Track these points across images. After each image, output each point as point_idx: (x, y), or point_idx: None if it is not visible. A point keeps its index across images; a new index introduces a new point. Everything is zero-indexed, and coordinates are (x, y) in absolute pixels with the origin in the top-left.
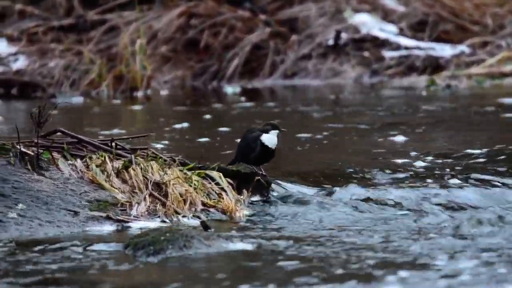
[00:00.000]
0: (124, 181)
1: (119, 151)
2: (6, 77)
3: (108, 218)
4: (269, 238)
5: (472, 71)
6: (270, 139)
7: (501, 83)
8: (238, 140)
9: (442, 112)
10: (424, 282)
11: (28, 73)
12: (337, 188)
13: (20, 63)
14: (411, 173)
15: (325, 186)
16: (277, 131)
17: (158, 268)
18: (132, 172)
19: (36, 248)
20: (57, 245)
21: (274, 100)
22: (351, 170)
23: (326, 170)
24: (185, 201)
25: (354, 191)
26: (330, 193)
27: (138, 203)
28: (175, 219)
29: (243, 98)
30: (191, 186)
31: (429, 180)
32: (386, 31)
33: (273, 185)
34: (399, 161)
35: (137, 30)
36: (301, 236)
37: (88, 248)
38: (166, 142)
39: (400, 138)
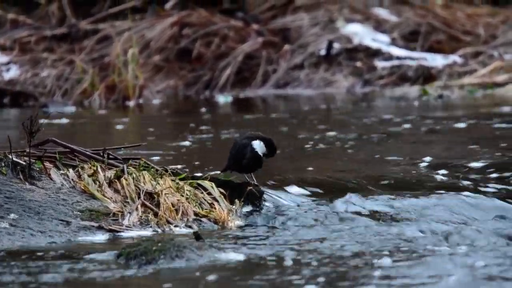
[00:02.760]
0: (116, 191)
1: (111, 161)
2: None
3: (100, 227)
4: (261, 248)
5: (464, 81)
6: (260, 146)
7: (493, 93)
8: (229, 150)
9: (434, 122)
10: None
11: (20, 82)
12: (330, 198)
13: (13, 72)
14: (405, 183)
15: (318, 196)
16: (265, 140)
17: (150, 278)
18: (124, 182)
19: (28, 258)
20: (49, 255)
21: (266, 109)
22: (343, 180)
23: (318, 180)
24: (177, 211)
25: (347, 201)
26: (322, 203)
27: (130, 213)
28: (167, 229)
29: (235, 107)
30: (183, 196)
31: (425, 190)
32: (378, 41)
33: (265, 195)
34: (392, 171)
35: (130, 40)
36: (293, 246)
37: (80, 258)
38: (158, 152)
39: (391, 148)
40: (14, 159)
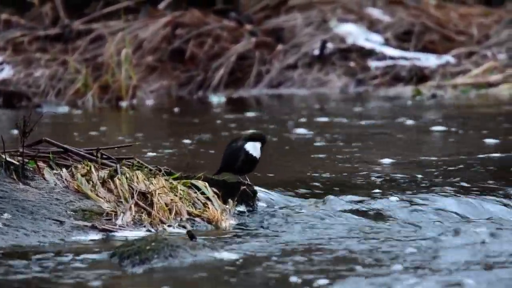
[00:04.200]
0: (110, 191)
1: (105, 161)
2: None
3: (93, 227)
4: (254, 248)
5: (457, 81)
6: (254, 147)
7: (487, 93)
8: (223, 150)
9: (427, 122)
10: None
11: (13, 82)
12: (323, 198)
13: (6, 72)
14: (398, 182)
15: (311, 195)
16: (260, 140)
17: (144, 277)
18: (117, 181)
19: (21, 258)
20: (42, 255)
21: (259, 109)
22: (337, 179)
23: (311, 180)
24: (170, 210)
25: (340, 200)
26: (316, 203)
27: (124, 213)
28: (160, 228)
29: (228, 108)
30: (176, 195)
31: (416, 190)
32: (371, 41)
33: (258, 195)
34: (386, 170)
35: (123, 40)
36: (286, 246)
37: (73, 257)
38: (152, 151)
39: (385, 148)
40: (8, 159)
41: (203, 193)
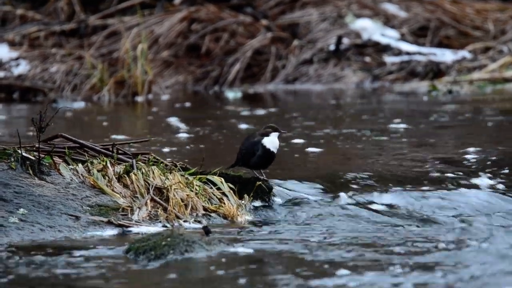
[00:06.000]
0: (126, 186)
1: (121, 156)
2: (7, 82)
3: (109, 223)
4: (270, 243)
5: (473, 76)
6: (272, 142)
7: (503, 88)
8: (239, 145)
9: (443, 118)
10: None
11: (29, 77)
12: (338, 193)
13: (22, 67)
14: (413, 177)
15: (326, 191)
16: (277, 133)
17: (159, 273)
18: (133, 177)
19: (37, 253)
20: (58, 250)
21: (275, 104)
22: (352, 175)
23: (327, 175)
24: (186, 206)
25: (355, 195)
26: (331, 198)
27: (140, 208)
28: (176, 224)
29: (244, 103)
30: (192, 191)
31: (431, 185)
32: (387, 36)
33: (274, 190)
34: (400, 165)
35: (139, 35)
36: (302, 241)
37: (89, 253)
38: (167, 147)
39: (401, 143)
40: (24, 154)
41: (219, 189)
